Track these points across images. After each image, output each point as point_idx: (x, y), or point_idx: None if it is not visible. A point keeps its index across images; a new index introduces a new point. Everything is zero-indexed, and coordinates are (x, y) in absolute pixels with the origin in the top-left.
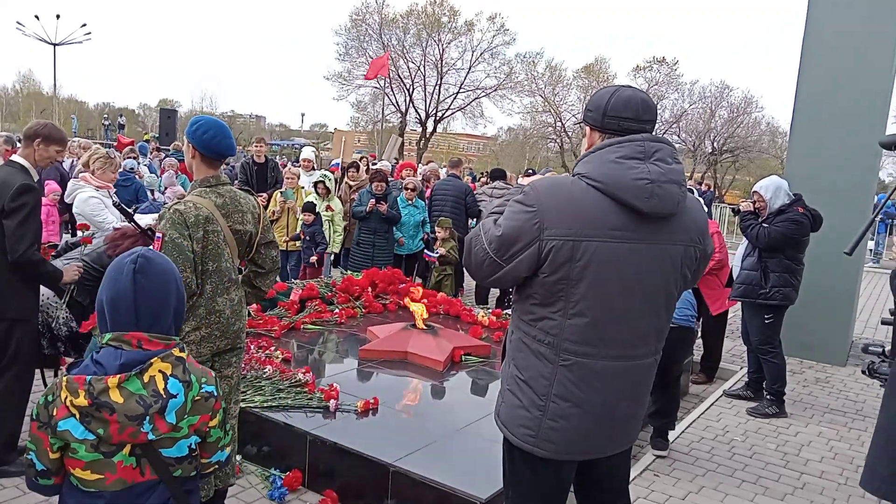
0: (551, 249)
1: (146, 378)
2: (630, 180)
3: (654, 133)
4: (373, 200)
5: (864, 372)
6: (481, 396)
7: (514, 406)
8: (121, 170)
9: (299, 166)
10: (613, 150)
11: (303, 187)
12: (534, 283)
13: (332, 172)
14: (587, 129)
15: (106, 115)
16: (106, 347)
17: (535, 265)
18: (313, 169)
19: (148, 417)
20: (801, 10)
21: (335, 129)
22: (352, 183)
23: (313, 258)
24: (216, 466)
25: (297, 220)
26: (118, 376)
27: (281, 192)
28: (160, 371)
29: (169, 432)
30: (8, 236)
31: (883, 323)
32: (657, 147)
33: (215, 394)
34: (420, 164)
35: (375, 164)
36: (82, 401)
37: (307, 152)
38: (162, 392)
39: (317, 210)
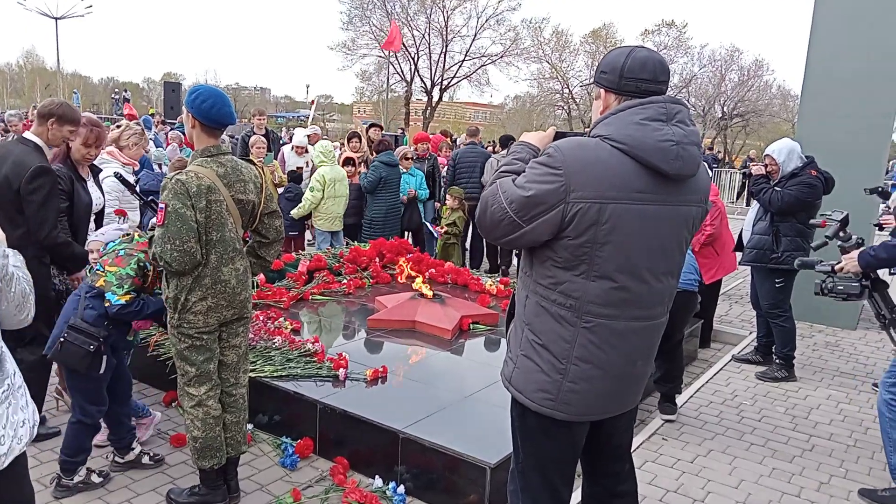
0: (577, 212)
1: None
2: (656, 142)
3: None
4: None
5: (816, 293)
6: (489, 364)
7: (531, 371)
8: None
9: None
10: (636, 112)
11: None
12: (556, 245)
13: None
14: (601, 91)
15: (116, 91)
16: None
17: (558, 228)
18: (306, 152)
19: None
20: None
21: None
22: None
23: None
24: None
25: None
26: None
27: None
28: None
29: None
30: (30, 221)
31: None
32: (678, 109)
33: None
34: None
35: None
36: None
37: (300, 138)
38: None
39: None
